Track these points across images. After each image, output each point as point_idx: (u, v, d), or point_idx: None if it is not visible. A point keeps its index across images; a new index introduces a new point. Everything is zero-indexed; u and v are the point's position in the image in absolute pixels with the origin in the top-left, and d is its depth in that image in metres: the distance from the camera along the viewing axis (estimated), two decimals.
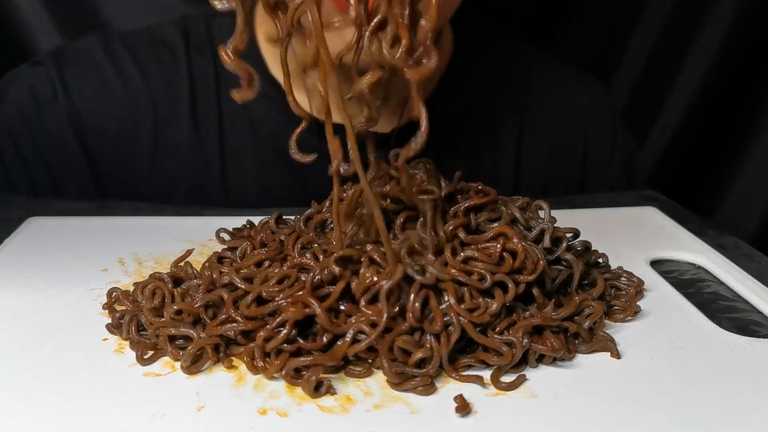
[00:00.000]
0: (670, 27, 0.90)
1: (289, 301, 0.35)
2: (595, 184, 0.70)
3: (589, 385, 0.34)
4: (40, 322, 0.38)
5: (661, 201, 0.61)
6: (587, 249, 0.44)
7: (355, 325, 0.34)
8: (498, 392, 0.33)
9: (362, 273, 0.36)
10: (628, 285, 0.43)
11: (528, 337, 0.35)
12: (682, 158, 0.94)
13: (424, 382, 0.33)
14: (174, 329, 0.35)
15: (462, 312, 0.35)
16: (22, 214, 0.52)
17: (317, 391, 0.33)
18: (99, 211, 0.55)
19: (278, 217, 0.45)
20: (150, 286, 0.39)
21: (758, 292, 0.44)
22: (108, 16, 0.82)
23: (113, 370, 0.34)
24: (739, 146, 0.92)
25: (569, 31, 0.92)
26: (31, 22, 0.80)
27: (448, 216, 0.39)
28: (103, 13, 0.82)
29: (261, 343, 0.34)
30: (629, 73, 0.93)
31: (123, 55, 0.63)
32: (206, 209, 0.55)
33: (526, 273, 0.37)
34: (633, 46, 0.92)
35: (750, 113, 0.91)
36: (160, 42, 0.64)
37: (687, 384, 0.34)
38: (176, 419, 0.31)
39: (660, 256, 0.49)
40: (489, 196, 0.40)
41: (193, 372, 0.34)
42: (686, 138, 0.94)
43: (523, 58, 0.70)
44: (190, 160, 0.63)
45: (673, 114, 0.94)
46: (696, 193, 0.89)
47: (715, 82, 0.91)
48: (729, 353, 0.37)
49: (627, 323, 0.40)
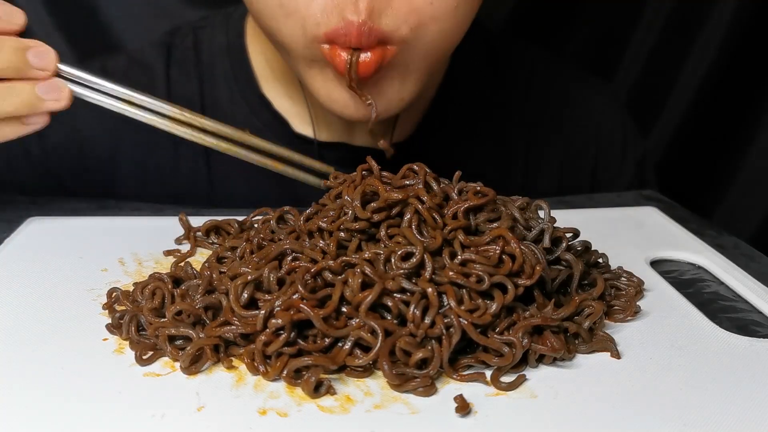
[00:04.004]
0: (670, 27, 0.90)
1: (282, 307, 0.35)
2: (607, 190, 0.69)
3: (589, 385, 0.34)
4: (40, 322, 0.38)
5: (661, 201, 0.61)
6: (587, 249, 0.44)
7: (354, 332, 0.34)
8: (498, 392, 0.33)
9: (351, 283, 0.36)
10: (628, 285, 0.43)
11: (528, 338, 0.35)
12: (682, 158, 0.94)
13: (425, 382, 0.33)
14: (173, 329, 0.35)
15: (462, 313, 0.35)
16: (22, 214, 0.52)
17: (317, 391, 0.33)
18: (99, 211, 0.55)
19: (279, 217, 0.45)
20: (150, 287, 0.39)
21: (758, 292, 0.44)
22: (108, 17, 0.82)
23: (113, 370, 0.34)
24: (739, 146, 0.92)
25: (569, 32, 0.92)
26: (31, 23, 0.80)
27: (446, 218, 0.39)
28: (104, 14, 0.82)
29: (261, 347, 0.34)
30: (629, 73, 0.93)
31: None
32: (206, 209, 0.54)
33: (524, 276, 0.37)
34: (633, 46, 0.92)
35: (750, 113, 0.91)
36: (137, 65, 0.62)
37: (687, 384, 0.34)
38: (176, 419, 0.31)
39: (660, 256, 0.49)
40: (488, 197, 0.40)
41: (192, 372, 0.34)
42: (686, 138, 0.94)
43: (533, 61, 0.69)
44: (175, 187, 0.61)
45: (673, 114, 0.94)
46: (696, 193, 0.89)
47: (715, 82, 0.91)
48: (729, 353, 0.37)
49: (627, 323, 0.40)
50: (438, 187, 0.40)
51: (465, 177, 0.42)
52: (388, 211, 0.39)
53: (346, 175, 0.42)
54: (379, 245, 0.38)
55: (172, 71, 0.61)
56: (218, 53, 0.61)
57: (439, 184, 0.40)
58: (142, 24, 0.81)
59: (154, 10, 0.82)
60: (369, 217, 0.38)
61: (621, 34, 0.92)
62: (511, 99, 0.66)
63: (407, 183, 0.40)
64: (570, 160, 0.67)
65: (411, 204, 0.38)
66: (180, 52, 0.62)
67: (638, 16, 0.91)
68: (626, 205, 0.59)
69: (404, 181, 0.40)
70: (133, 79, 0.61)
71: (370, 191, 0.40)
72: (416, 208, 0.38)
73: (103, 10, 0.82)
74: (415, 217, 0.38)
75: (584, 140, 0.68)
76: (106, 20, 0.82)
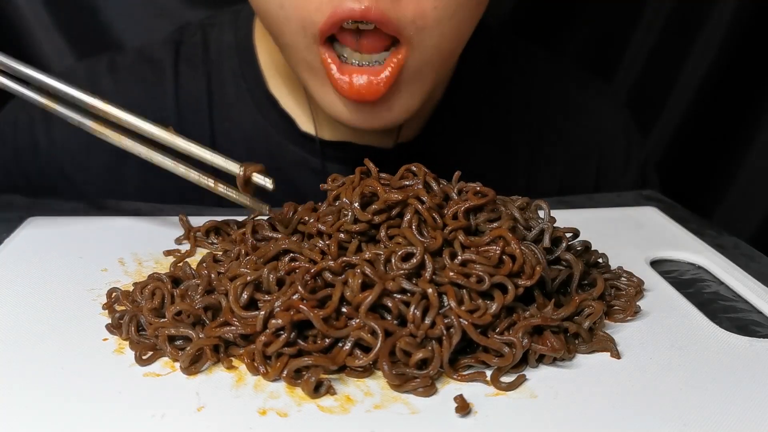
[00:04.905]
0: (670, 27, 0.90)
1: (282, 308, 0.35)
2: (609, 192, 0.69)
3: (589, 385, 0.34)
4: (40, 322, 0.38)
5: (661, 201, 0.61)
6: (587, 249, 0.44)
7: (354, 333, 0.34)
8: (498, 392, 0.33)
9: (351, 284, 0.36)
10: (628, 285, 0.43)
11: (528, 338, 0.35)
12: (682, 158, 0.94)
13: (425, 383, 0.33)
14: (173, 329, 0.35)
15: (462, 314, 0.35)
16: (22, 214, 0.52)
17: (317, 391, 0.33)
18: (99, 211, 0.55)
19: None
20: (149, 287, 0.39)
21: (758, 292, 0.44)
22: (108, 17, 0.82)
23: (113, 370, 0.34)
24: (738, 146, 0.92)
25: (569, 32, 0.92)
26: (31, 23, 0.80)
27: (447, 218, 0.39)
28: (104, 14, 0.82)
29: (261, 348, 0.34)
30: (629, 74, 0.93)
31: (107, 81, 0.61)
32: (206, 209, 0.54)
33: (524, 277, 0.37)
34: (633, 47, 0.92)
35: (750, 113, 0.91)
36: (146, 61, 0.62)
37: (687, 384, 0.34)
38: (176, 419, 0.31)
39: (660, 256, 0.49)
40: (488, 197, 0.40)
41: (192, 372, 0.34)
42: (686, 138, 0.94)
43: (536, 63, 0.69)
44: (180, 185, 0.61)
45: (673, 114, 0.93)
46: (696, 193, 0.89)
47: (715, 82, 0.91)
48: (729, 353, 0.37)
49: (627, 323, 0.40)
50: (438, 188, 0.40)
51: (469, 177, 0.42)
52: (388, 212, 0.39)
53: (344, 177, 0.42)
54: (379, 246, 0.38)
55: (181, 67, 0.61)
56: (226, 51, 0.61)
57: (438, 184, 0.40)
58: (142, 24, 0.81)
59: (154, 10, 0.82)
60: (369, 219, 0.38)
61: (621, 34, 0.92)
62: (515, 100, 0.66)
63: (406, 184, 0.40)
64: (572, 161, 0.67)
65: (411, 204, 0.38)
66: (189, 48, 0.62)
67: (638, 16, 0.90)
68: (626, 205, 0.59)
69: (403, 182, 0.40)
70: (140, 74, 0.61)
71: (369, 193, 0.40)
72: (416, 209, 0.38)
73: (103, 10, 0.82)
74: (415, 217, 0.38)
75: (587, 142, 0.68)
76: (106, 20, 0.82)
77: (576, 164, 0.68)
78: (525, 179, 0.66)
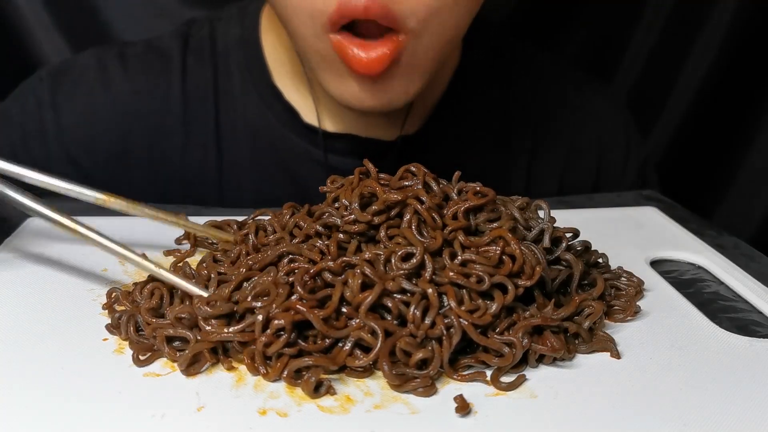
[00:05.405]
0: (670, 27, 0.90)
1: (281, 309, 0.35)
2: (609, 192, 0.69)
3: (589, 385, 0.34)
4: (40, 322, 0.38)
5: (661, 201, 0.61)
6: (587, 249, 0.44)
7: (354, 333, 0.34)
8: (498, 392, 0.33)
9: (351, 284, 0.36)
10: (628, 285, 0.43)
11: (528, 338, 0.35)
12: (682, 158, 0.94)
13: (425, 383, 0.33)
14: (171, 330, 0.35)
15: (462, 314, 0.35)
16: (23, 215, 0.52)
17: (317, 391, 0.33)
18: (99, 211, 0.55)
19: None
20: (148, 287, 0.39)
21: (758, 292, 0.44)
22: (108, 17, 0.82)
23: (113, 370, 0.34)
24: (739, 146, 0.92)
25: (569, 32, 0.92)
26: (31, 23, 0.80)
27: (446, 218, 0.39)
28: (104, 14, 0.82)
29: (261, 348, 0.34)
30: (629, 74, 0.93)
31: (115, 68, 0.62)
32: (206, 209, 0.54)
33: (524, 277, 0.37)
34: (633, 47, 0.92)
35: (750, 113, 0.91)
36: (155, 51, 0.63)
37: (687, 384, 0.34)
38: (176, 419, 0.31)
39: (660, 256, 0.49)
40: (488, 197, 0.40)
41: (191, 373, 0.34)
42: (686, 138, 0.94)
43: (538, 62, 0.69)
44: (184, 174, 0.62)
45: (673, 114, 0.94)
46: (696, 193, 0.89)
47: (715, 82, 0.91)
48: (729, 353, 0.37)
49: (627, 323, 0.40)
50: (437, 188, 0.40)
51: (469, 174, 0.42)
52: (387, 212, 0.39)
53: (343, 179, 0.42)
54: (378, 246, 0.38)
55: (188, 58, 0.62)
56: (233, 44, 0.63)
57: (438, 184, 0.40)
58: (142, 24, 0.81)
59: (154, 10, 0.82)
60: (369, 220, 0.38)
61: (621, 34, 0.92)
62: (517, 99, 0.66)
63: (406, 184, 0.40)
64: (573, 162, 0.68)
65: (410, 204, 0.38)
66: (196, 41, 0.63)
67: (638, 16, 0.91)
68: (626, 205, 0.59)
69: (402, 182, 0.40)
70: (148, 63, 0.62)
71: (368, 193, 0.40)
72: (416, 209, 0.38)
73: (103, 10, 0.82)
74: (415, 217, 0.38)
75: (587, 143, 0.68)
76: (106, 20, 0.82)
77: (576, 164, 0.68)
78: (525, 179, 0.66)
